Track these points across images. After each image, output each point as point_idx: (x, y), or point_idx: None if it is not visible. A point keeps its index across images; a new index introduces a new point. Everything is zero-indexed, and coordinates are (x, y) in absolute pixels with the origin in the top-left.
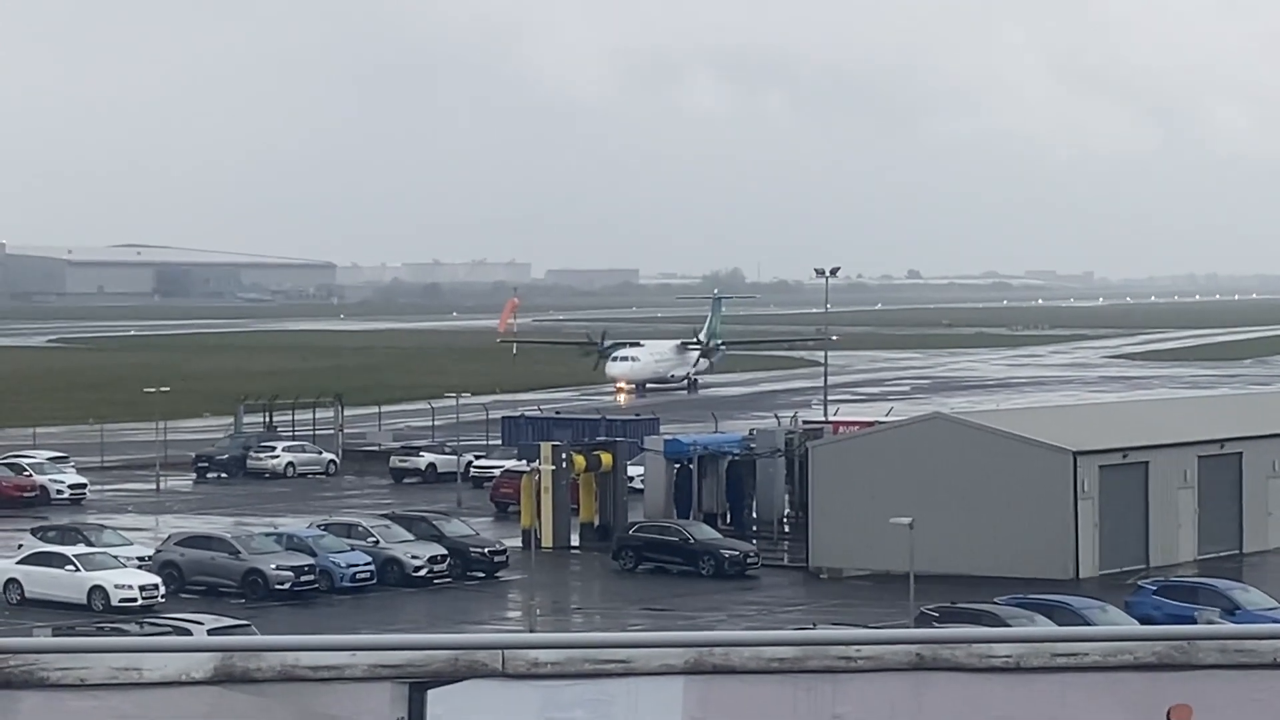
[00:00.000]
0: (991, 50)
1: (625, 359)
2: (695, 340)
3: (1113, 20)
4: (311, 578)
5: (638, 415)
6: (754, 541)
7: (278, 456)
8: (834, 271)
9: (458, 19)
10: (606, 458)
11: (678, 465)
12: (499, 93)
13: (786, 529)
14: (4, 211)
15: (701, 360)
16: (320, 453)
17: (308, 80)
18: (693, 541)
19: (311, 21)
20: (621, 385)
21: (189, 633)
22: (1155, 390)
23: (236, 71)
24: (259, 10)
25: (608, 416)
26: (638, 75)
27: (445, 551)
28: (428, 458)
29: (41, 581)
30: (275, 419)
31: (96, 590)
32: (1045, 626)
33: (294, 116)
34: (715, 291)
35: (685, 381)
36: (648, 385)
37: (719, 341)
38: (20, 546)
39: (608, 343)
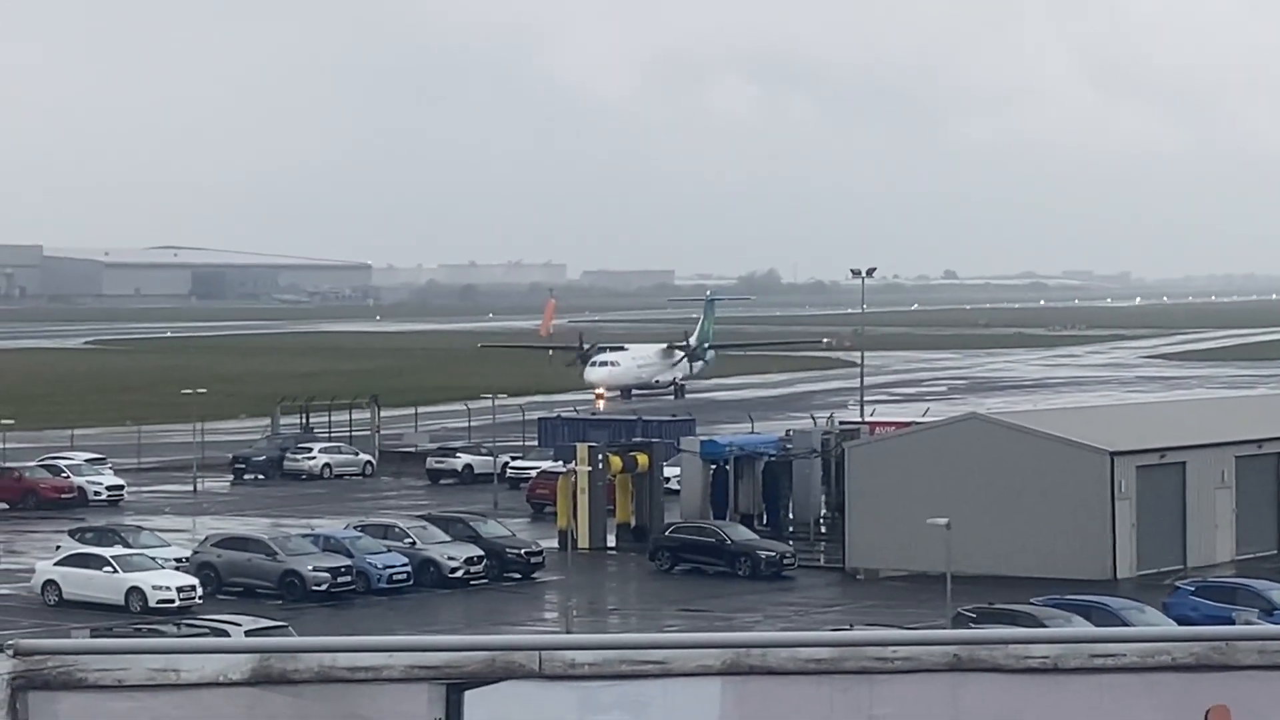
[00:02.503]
0: (1023, 50)
1: (605, 364)
2: (683, 344)
3: (1146, 18)
4: (348, 579)
5: (674, 416)
6: (790, 542)
7: (314, 458)
8: (870, 272)
9: (490, 22)
10: (643, 458)
11: (714, 466)
12: (532, 95)
13: (823, 530)
14: (41, 214)
15: (688, 364)
16: (357, 454)
17: (342, 83)
18: (729, 542)
19: (344, 25)
20: (601, 392)
21: (226, 634)
22: (1192, 390)
23: (271, 74)
24: (292, 14)
25: (644, 417)
26: (669, 78)
27: (482, 552)
28: (464, 459)
29: (79, 583)
30: (312, 420)
31: (134, 591)
32: (1082, 627)
33: (329, 119)
34: (708, 293)
35: (671, 387)
36: (633, 391)
37: (707, 345)
38: (58, 548)
39: (590, 346)
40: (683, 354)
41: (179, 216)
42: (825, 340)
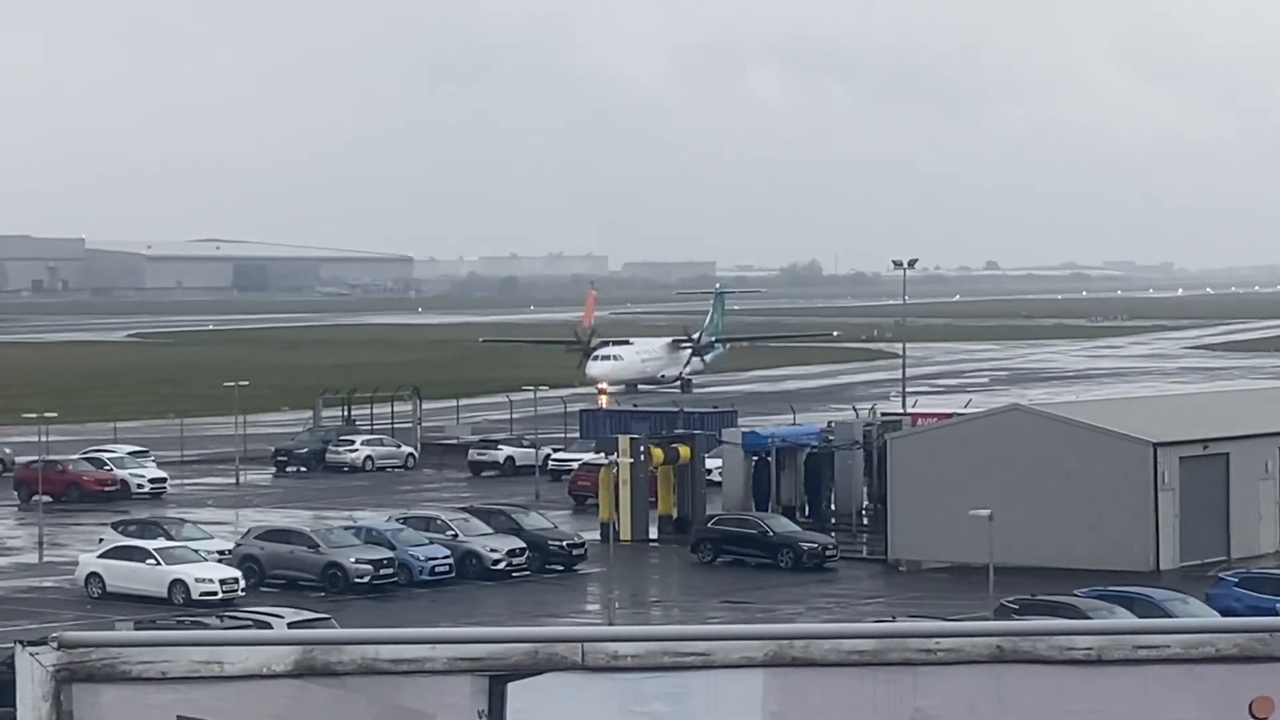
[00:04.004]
0: (1061, 38)
1: (608, 358)
2: (688, 337)
3: (1189, 2)
4: (390, 571)
5: (716, 407)
6: (832, 534)
7: (356, 450)
8: (912, 263)
9: (530, 11)
10: (685, 450)
11: (756, 457)
12: (573, 86)
13: (865, 521)
14: (84, 207)
15: (695, 359)
16: (399, 446)
17: (384, 75)
18: (771, 534)
19: (386, 16)
20: (603, 387)
21: (269, 626)
22: (1236, 381)
23: (313, 67)
24: (333, 5)
25: (685, 409)
26: (707, 68)
27: (524, 544)
28: (506, 450)
29: (122, 575)
30: (354, 412)
31: (177, 584)
32: (1126, 619)
33: (370, 111)
34: (717, 286)
35: (678, 381)
36: (639, 386)
37: (714, 339)
38: (101, 540)
39: (595, 341)
40: (689, 348)
41: (221, 209)
42: (835, 333)
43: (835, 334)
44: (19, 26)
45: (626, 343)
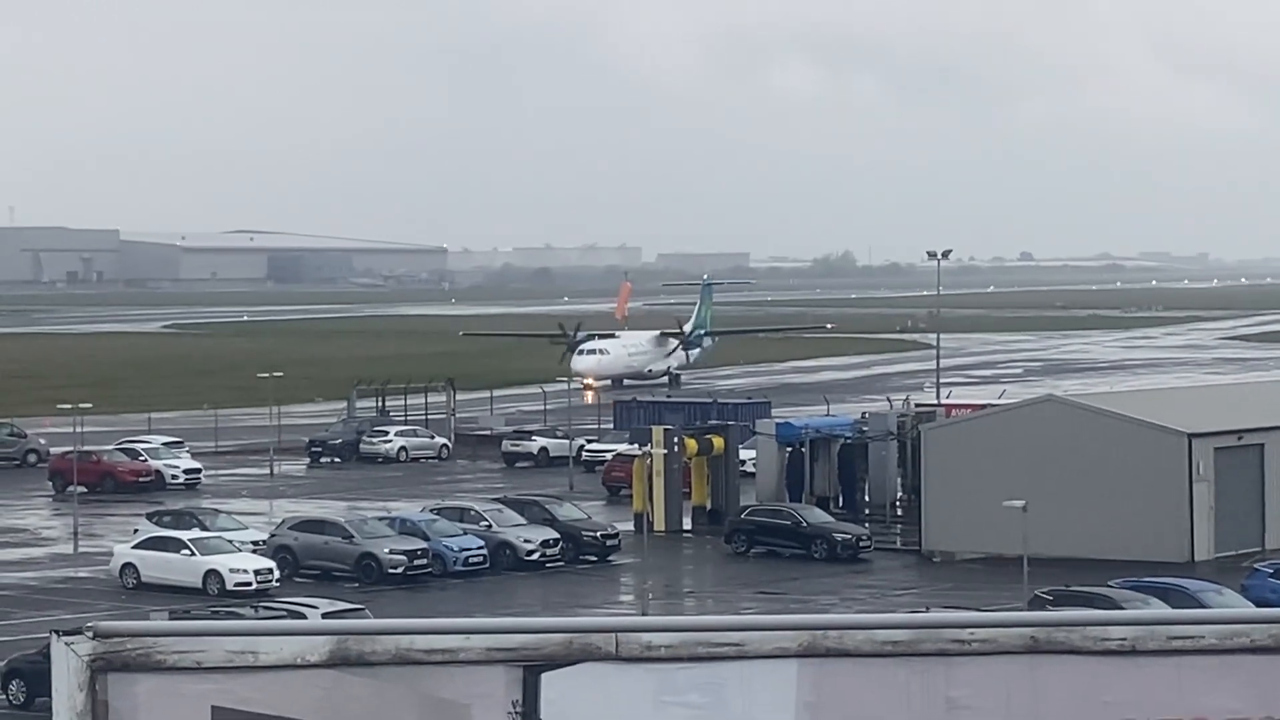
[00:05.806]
0: (1094, 28)
1: (593, 352)
2: (677, 331)
3: None
4: (424, 561)
5: (750, 398)
6: (866, 525)
7: (390, 441)
8: (946, 254)
9: (562, 3)
10: (718, 441)
11: (790, 448)
12: (606, 77)
13: (899, 512)
14: (118, 199)
15: (683, 352)
16: (433, 437)
17: (417, 66)
18: (805, 525)
19: (420, 7)
20: (589, 382)
21: (304, 616)
22: (1271, 371)
23: (347, 58)
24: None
25: (719, 400)
26: (741, 60)
27: (557, 535)
28: (540, 442)
29: (157, 566)
30: (388, 403)
31: (211, 574)
32: (1160, 609)
33: (404, 102)
34: (705, 277)
35: (666, 376)
36: (625, 381)
37: (703, 332)
38: (136, 531)
39: (581, 334)
40: (677, 341)
41: (255, 201)
42: (830, 325)
43: (830, 326)
44: (54, 22)
45: (612, 336)
